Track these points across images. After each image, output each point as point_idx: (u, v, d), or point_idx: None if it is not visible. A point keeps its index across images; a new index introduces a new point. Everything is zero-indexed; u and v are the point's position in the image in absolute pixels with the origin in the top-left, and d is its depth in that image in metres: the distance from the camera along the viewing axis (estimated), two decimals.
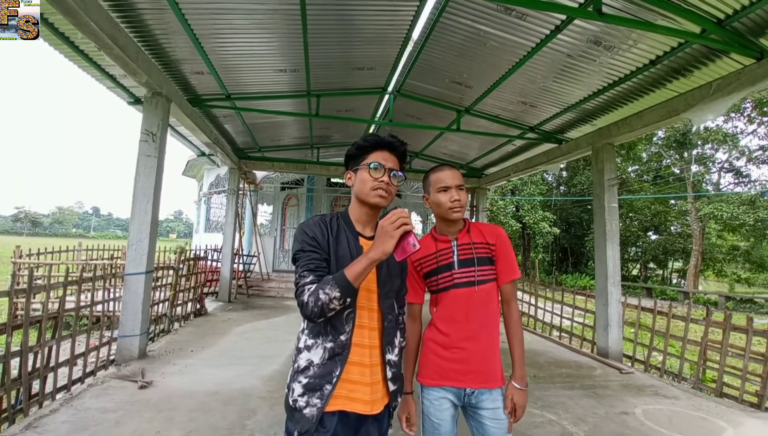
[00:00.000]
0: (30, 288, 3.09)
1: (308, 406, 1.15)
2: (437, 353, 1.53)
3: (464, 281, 1.51)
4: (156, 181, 4.30)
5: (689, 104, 4.20)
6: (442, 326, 1.53)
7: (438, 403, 1.52)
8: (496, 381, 1.51)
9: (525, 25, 3.95)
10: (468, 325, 1.50)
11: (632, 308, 5.34)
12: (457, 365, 1.50)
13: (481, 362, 1.50)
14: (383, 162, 1.26)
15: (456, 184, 1.51)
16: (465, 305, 1.51)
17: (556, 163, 6.93)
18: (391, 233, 1.09)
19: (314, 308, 1.10)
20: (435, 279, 1.55)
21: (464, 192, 1.53)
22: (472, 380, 1.49)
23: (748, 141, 19.01)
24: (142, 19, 3.80)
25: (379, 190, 1.24)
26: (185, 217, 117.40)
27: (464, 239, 1.54)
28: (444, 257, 1.54)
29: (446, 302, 1.53)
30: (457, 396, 1.52)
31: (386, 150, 1.28)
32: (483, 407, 1.50)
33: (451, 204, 1.50)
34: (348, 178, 1.33)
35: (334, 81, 5.87)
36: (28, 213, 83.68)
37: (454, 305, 1.52)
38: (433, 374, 1.53)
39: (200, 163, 11.83)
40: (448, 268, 1.53)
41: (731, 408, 3.65)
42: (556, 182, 25.33)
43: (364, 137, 1.30)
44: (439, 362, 1.52)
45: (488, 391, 1.50)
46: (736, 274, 21.67)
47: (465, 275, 1.51)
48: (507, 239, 1.58)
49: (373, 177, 1.24)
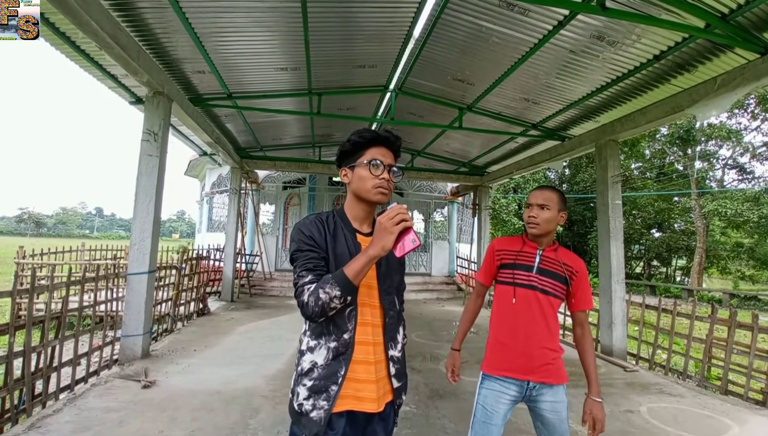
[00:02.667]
0: (33, 288, 3.09)
1: (315, 409, 1.13)
2: (506, 345, 1.64)
3: (542, 287, 1.64)
4: (158, 180, 4.30)
5: (693, 100, 4.17)
6: (514, 320, 1.64)
7: (497, 395, 1.62)
8: (560, 378, 1.62)
9: (527, 21, 3.92)
10: (537, 325, 1.62)
11: (636, 305, 5.31)
12: (523, 359, 1.60)
13: (546, 358, 1.60)
14: (382, 158, 1.23)
15: (537, 203, 1.67)
16: (537, 307, 1.63)
17: (558, 160, 6.88)
18: (390, 229, 1.07)
19: (315, 308, 1.09)
20: (512, 273, 1.69)
21: (546, 211, 1.66)
22: (537, 373, 1.59)
23: (752, 137, 18.90)
24: (143, 19, 3.79)
25: (380, 187, 1.22)
26: (188, 217, 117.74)
27: (550, 254, 1.69)
28: (524, 258, 1.69)
29: (520, 299, 1.65)
30: (520, 389, 1.61)
31: (383, 146, 1.26)
32: (544, 400, 1.61)
33: (528, 219, 1.69)
34: (344, 175, 1.29)
35: (336, 79, 5.85)
36: (31, 214, 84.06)
37: (528, 304, 1.63)
38: (498, 365, 1.64)
39: (202, 162, 11.84)
40: (527, 269, 1.67)
41: (736, 406, 3.63)
42: (558, 180, 25.24)
43: (359, 133, 1.26)
44: (507, 353, 1.63)
45: (549, 386, 1.61)
46: (740, 271, 21.53)
47: (543, 282, 1.65)
48: (586, 272, 1.72)
49: (373, 175, 1.22)
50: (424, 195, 12.87)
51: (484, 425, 1.58)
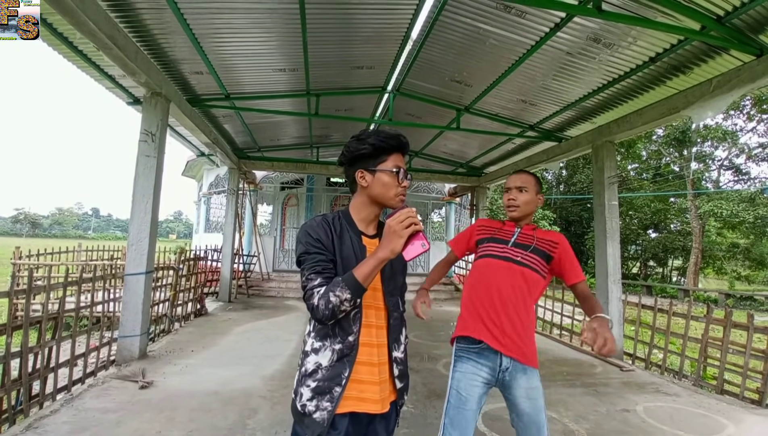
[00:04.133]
0: (30, 289, 3.09)
1: (318, 410, 1.13)
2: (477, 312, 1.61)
3: (516, 258, 1.62)
4: (156, 181, 4.29)
5: (689, 101, 4.20)
6: (486, 290, 1.61)
7: (470, 377, 1.56)
8: (532, 361, 1.57)
9: (524, 23, 3.94)
10: (510, 297, 1.58)
11: (633, 305, 5.34)
12: (496, 329, 1.56)
13: (518, 334, 1.55)
14: (402, 166, 1.26)
15: (516, 186, 1.71)
16: (510, 279, 1.60)
17: (556, 161, 6.92)
18: (399, 232, 1.07)
19: (325, 311, 1.09)
20: (485, 245, 1.71)
21: (524, 193, 1.70)
22: (508, 347, 1.54)
23: (748, 138, 19.02)
24: (140, 19, 3.79)
25: (401, 195, 1.25)
26: (185, 217, 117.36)
27: (527, 231, 1.70)
28: (502, 234, 1.72)
29: (493, 269, 1.64)
30: (492, 371, 1.56)
31: (401, 153, 1.28)
32: (517, 385, 1.55)
33: (507, 202, 1.73)
34: (361, 177, 1.25)
35: (334, 80, 5.86)
36: (27, 214, 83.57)
37: (500, 274, 1.62)
38: (470, 327, 1.60)
39: (200, 163, 11.82)
40: (503, 242, 1.69)
41: (732, 405, 3.65)
42: (555, 181, 25.33)
43: (380, 137, 1.24)
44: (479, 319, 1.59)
45: (522, 369, 1.55)
46: (736, 271, 21.65)
47: (518, 254, 1.63)
48: (569, 245, 1.70)
49: (399, 184, 1.24)
50: (422, 196, 12.89)
51: (459, 410, 1.53)
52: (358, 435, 1.19)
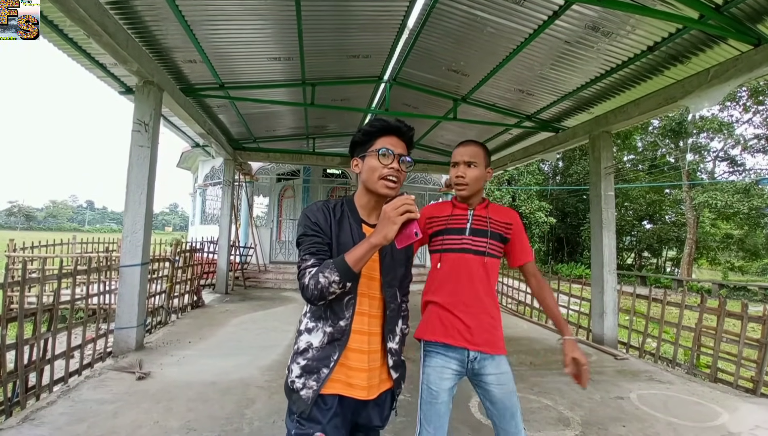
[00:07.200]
0: (24, 280, 3.06)
1: (305, 388, 1.16)
2: (441, 312, 1.57)
3: (475, 248, 1.56)
4: (150, 171, 4.25)
5: (686, 91, 4.19)
6: (448, 286, 1.57)
7: (440, 371, 1.55)
8: (500, 348, 1.55)
9: (522, 11, 3.90)
10: (473, 290, 1.55)
11: (627, 295, 5.38)
12: (462, 325, 1.53)
13: (484, 326, 1.54)
14: (392, 147, 1.23)
15: (464, 161, 1.57)
16: (471, 271, 1.55)
17: (552, 152, 6.91)
18: (394, 218, 1.07)
19: (314, 291, 1.11)
20: (441, 239, 1.61)
21: (474, 169, 1.57)
22: (475, 342, 1.52)
23: (744, 130, 19.06)
24: (131, 5, 3.71)
25: (388, 178, 1.22)
26: (181, 210, 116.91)
27: (481, 212, 1.60)
28: (455, 222, 1.60)
29: (452, 264, 1.57)
30: (461, 363, 1.54)
31: (394, 135, 1.26)
32: (487, 372, 1.54)
33: (456, 180, 1.59)
34: (355, 165, 1.29)
35: (330, 69, 5.79)
36: (21, 207, 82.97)
37: (460, 269, 1.56)
38: (436, 331, 1.57)
39: (195, 154, 11.71)
40: (459, 232, 1.59)
41: (726, 393, 3.70)
42: (552, 172, 25.34)
43: (371, 123, 1.27)
44: (444, 320, 1.56)
45: (491, 357, 1.54)
46: (729, 262, 21.86)
47: (476, 243, 1.56)
48: (521, 223, 1.64)
49: (382, 163, 1.22)
50: (419, 187, 12.86)
51: (431, 405, 1.55)
52: (349, 417, 1.22)
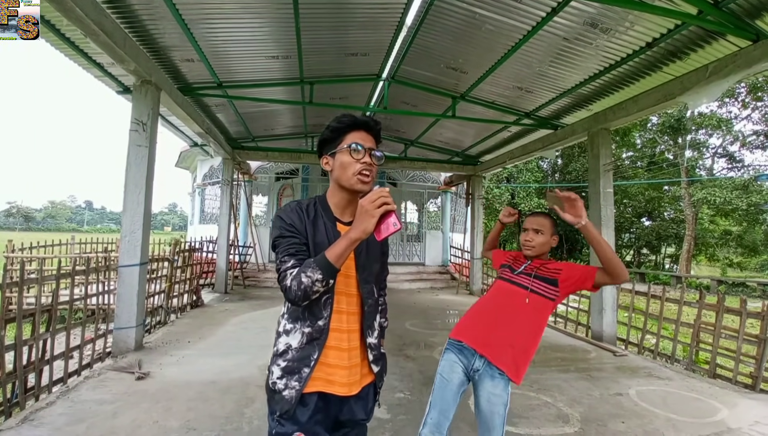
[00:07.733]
0: (22, 281, 3.05)
1: (287, 388, 1.16)
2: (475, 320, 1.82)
3: (520, 282, 1.80)
4: (148, 171, 4.23)
5: (685, 87, 4.18)
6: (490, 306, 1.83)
7: (451, 364, 1.75)
8: (506, 365, 1.65)
9: (521, 8, 3.88)
10: (510, 316, 1.73)
11: (626, 292, 5.39)
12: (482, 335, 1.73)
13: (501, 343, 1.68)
14: (362, 142, 1.22)
15: (532, 228, 1.88)
16: (514, 300, 1.76)
17: (551, 149, 6.90)
18: (371, 212, 1.06)
19: (297, 292, 1.10)
20: (503, 270, 1.94)
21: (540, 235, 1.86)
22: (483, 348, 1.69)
23: (742, 126, 19.11)
24: (128, 4, 3.70)
25: (362, 173, 1.20)
26: (179, 209, 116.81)
27: (536, 263, 1.86)
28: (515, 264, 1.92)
29: (500, 290, 1.85)
30: (466, 368, 1.72)
31: (362, 130, 1.24)
32: (482, 386, 1.67)
33: (524, 243, 1.90)
34: (325, 163, 1.27)
35: (328, 68, 5.78)
36: (20, 208, 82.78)
37: (503, 295, 1.81)
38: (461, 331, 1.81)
39: (193, 154, 11.69)
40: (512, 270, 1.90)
41: (725, 389, 3.71)
42: (551, 170, 25.33)
43: (338, 119, 1.25)
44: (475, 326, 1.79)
45: (491, 375, 1.66)
46: (728, 258, 21.96)
47: (524, 280, 1.80)
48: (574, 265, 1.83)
49: (354, 159, 1.20)
50: (418, 185, 12.85)
51: (441, 391, 1.72)
52: (330, 413, 1.22)
